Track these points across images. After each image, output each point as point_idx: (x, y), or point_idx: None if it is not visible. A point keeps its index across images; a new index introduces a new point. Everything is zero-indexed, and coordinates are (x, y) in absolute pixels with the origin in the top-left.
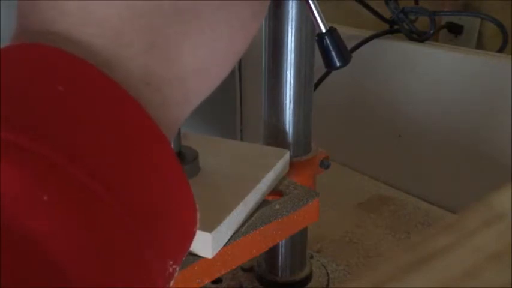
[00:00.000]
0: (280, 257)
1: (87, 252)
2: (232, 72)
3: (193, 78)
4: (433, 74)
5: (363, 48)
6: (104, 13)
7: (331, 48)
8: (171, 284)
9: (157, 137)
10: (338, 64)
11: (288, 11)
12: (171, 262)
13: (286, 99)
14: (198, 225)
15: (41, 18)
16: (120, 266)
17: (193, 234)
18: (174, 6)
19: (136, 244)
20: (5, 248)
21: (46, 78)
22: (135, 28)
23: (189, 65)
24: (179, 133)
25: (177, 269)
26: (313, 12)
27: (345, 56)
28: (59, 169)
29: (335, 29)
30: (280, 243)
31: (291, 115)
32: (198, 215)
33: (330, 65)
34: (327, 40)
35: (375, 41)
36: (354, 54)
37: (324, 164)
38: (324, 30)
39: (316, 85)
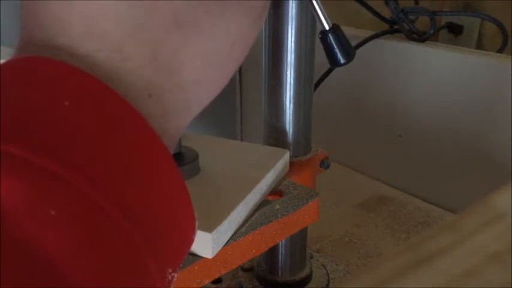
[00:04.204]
0: (280, 257)
1: (92, 263)
2: None
3: (194, 87)
4: (433, 74)
5: (363, 48)
6: (104, 27)
7: (335, 45)
8: None
9: (159, 149)
10: (342, 61)
11: (288, 11)
12: (170, 270)
13: (286, 99)
14: (196, 232)
15: (43, 32)
16: (124, 277)
17: (191, 242)
18: (174, 19)
19: (139, 256)
20: (5, 255)
21: (52, 92)
22: (135, 41)
23: (190, 74)
24: None
25: (176, 275)
26: (316, 10)
27: (349, 52)
28: (63, 182)
29: (338, 26)
30: (280, 243)
31: (291, 115)
32: (197, 223)
33: (334, 62)
34: (331, 37)
35: (375, 41)
36: None
37: (324, 164)
38: (327, 28)
39: (316, 85)
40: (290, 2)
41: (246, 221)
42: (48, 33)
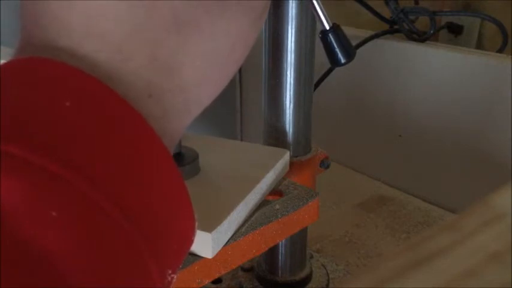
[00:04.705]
0: (280, 257)
1: (92, 263)
2: None
3: (194, 88)
4: (433, 74)
5: (363, 48)
6: (105, 28)
7: (335, 44)
8: None
9: (159, 149)
10: (343, 61)
11: (288, 11)
12: (170, 271)
13: (286, 99)
14: (195, 232)
15: (43, 32)
16: (123, 277)
17: (191, 242)
18: (174, 19)
19: (139, 256)
20: (5, 255)
21: (52, 92)
22: (136, 42)
23: (190, 75)
24: None
25: (175, 276)
26: (316, 10)
27: (350, 52)
28: (63, 182)
29: (338, 26)
30: (280, 243)
31: (291, 115)
32: (196, 224)
33: (334, 62)
34: (331, 37)
35: (375, 41)
36: None
37: (324, 164)
38: (327, 28)
39: (316, 85)
40: (290, 2)
41: (246, 221)
42: (48, 34)
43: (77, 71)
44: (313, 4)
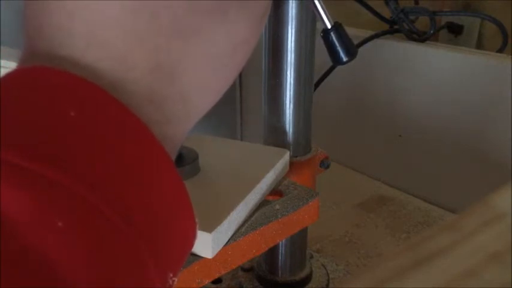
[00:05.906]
0: (280, 257)
1: (92, 266)
2: None
3: (195, 94)
4: (433, 74)
5: (363, 48)
6: (108, 37)
7: (337, 43)
8: None
9: (159, 153)
10: (345, 59)
11: (288, 11)
12: (171, 275)
13: (286, 99)
14: (196, 235)
15: (47, 43)
16: (123, 278)
17: (191, 246)
18: (175, 26)
19: (139, 257)
20: (5, 261)
21: (52, 99)
22: (138, 50)
23: (191, 81)
24: None
25: (176, 280)
26: (317, 9)
27: (351, 50)
28: (62, 187)
29: (340, 24)
30: (280, 243)
31: (291, 115)
32: (197, 227)
33: (336, 61)
34: (333, 36)
35: (375, 41)
36: None
37: (324, 164)
38: (329, 26)
39: (316, 85)
40: (290, 2)
41: (246, 221)
42: (51, 43)
43: (79, 78)
44: (314, 3)
